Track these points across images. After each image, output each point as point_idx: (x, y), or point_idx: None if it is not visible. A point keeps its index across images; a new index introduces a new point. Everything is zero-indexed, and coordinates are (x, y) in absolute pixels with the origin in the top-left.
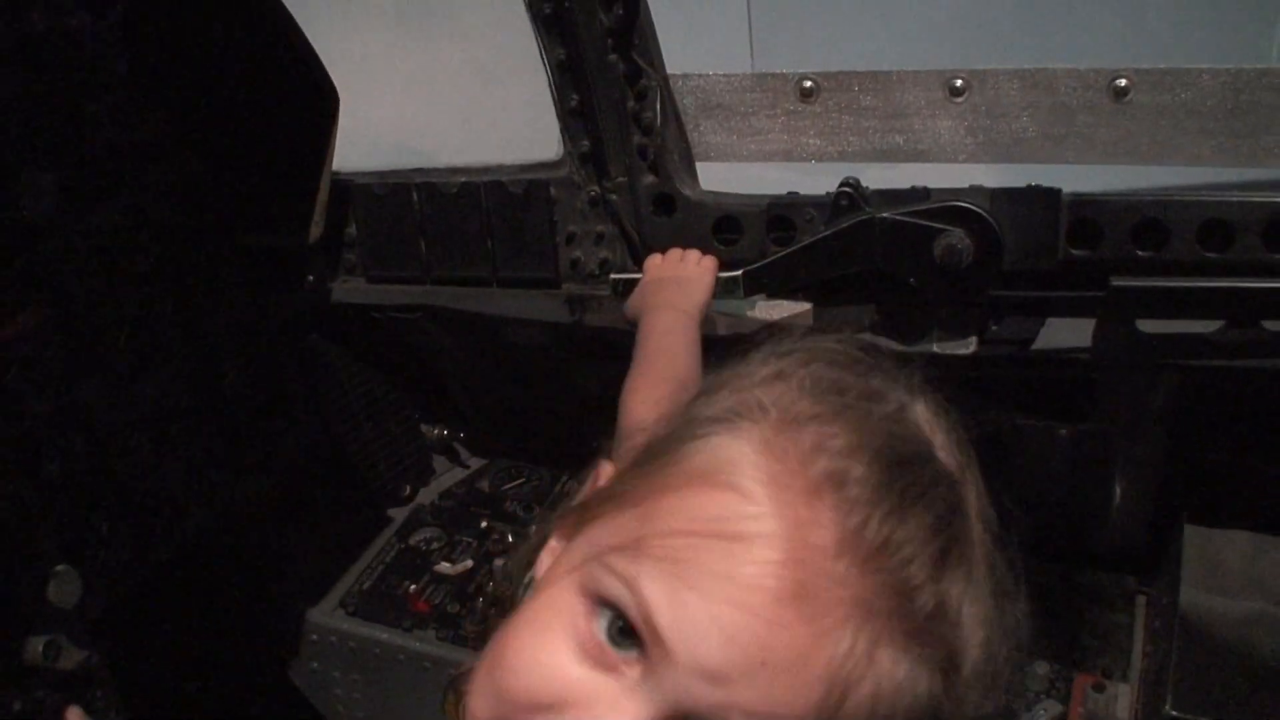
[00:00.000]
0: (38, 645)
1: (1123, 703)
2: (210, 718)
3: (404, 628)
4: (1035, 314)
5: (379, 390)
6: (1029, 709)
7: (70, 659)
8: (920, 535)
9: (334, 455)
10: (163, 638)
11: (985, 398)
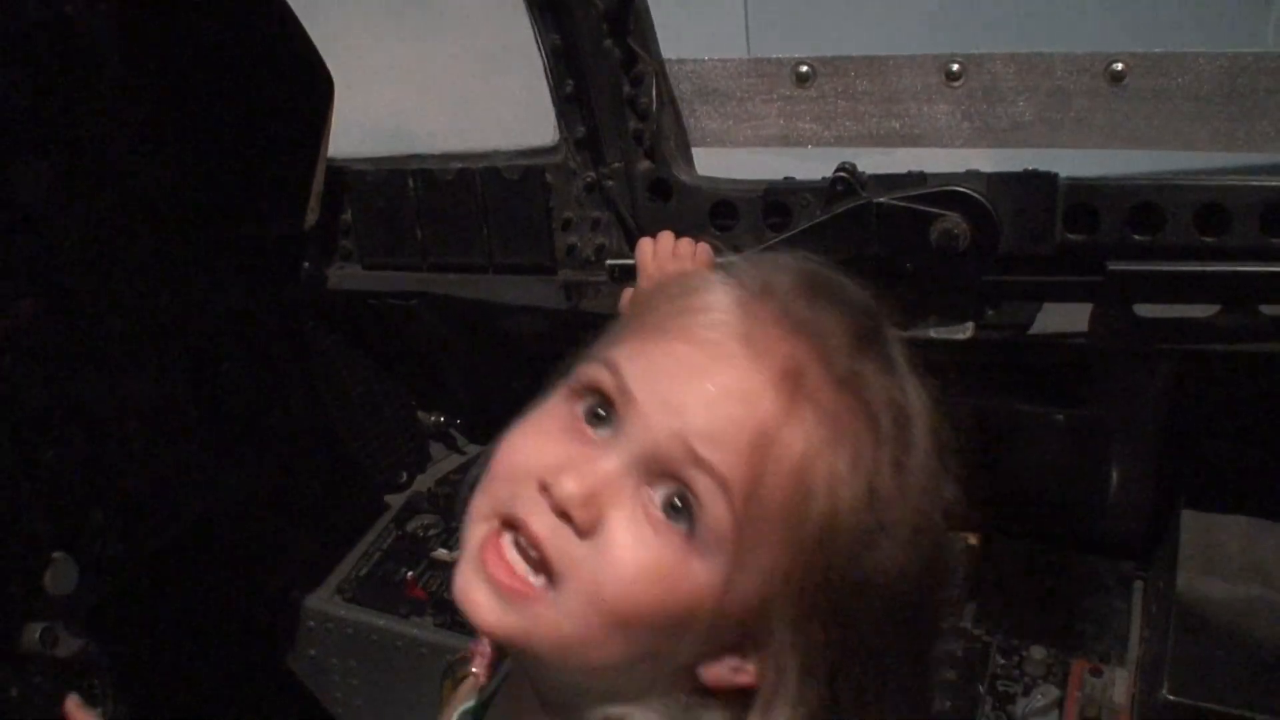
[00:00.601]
0: (34, 632)
1: (1120, 687)
2: (208, 705)
3: (401, 614)
4: (1032, 299)
5: (375, 377)
6: (1026, 693)
7: (67, 646)
8: (839, 326)
9: (330, 442)
10: (160, 625)
11: (982, 383)
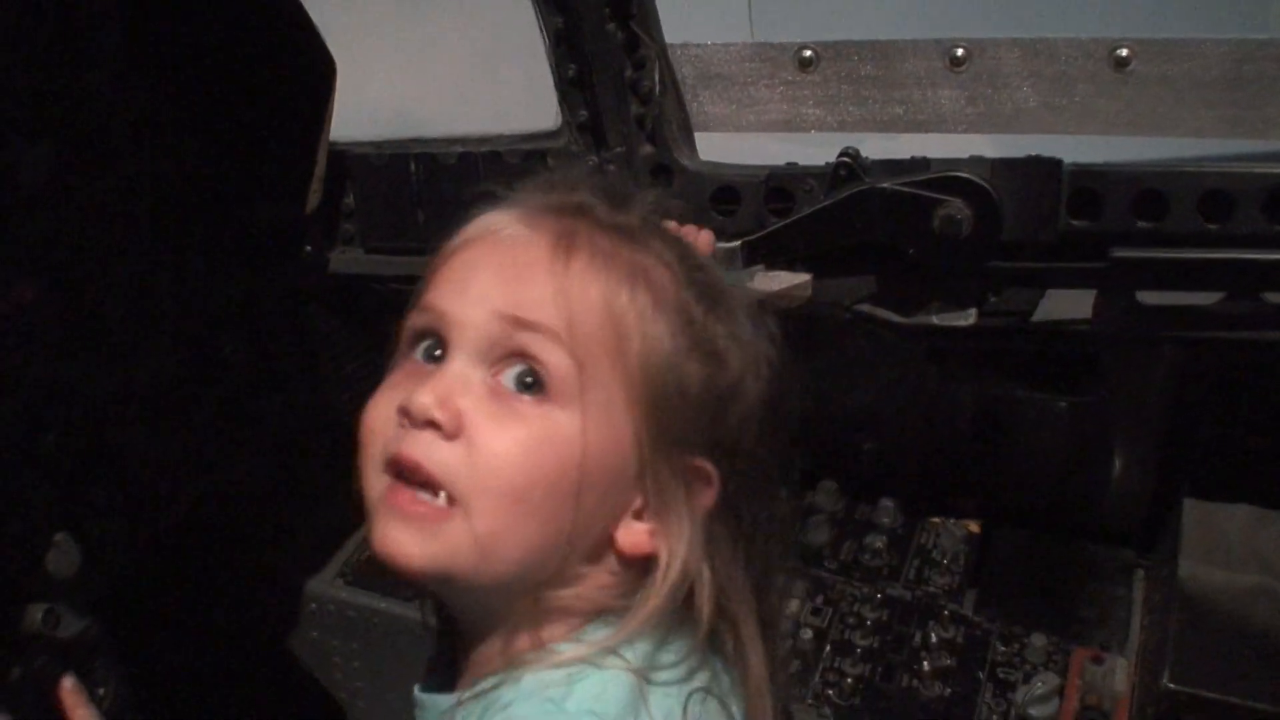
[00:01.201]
0: (36, 613)
1: (1121, 676)
2: (210, 687)
3: (403, 597)
4: (1035, 285)
5: (377, 360)
6: (1027, 681)
7: (69, 628)
8: (597, 199)
9: (332, 425)
10: (162, 607)
11: (984, 370)
